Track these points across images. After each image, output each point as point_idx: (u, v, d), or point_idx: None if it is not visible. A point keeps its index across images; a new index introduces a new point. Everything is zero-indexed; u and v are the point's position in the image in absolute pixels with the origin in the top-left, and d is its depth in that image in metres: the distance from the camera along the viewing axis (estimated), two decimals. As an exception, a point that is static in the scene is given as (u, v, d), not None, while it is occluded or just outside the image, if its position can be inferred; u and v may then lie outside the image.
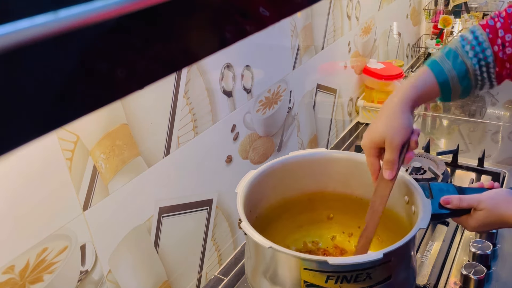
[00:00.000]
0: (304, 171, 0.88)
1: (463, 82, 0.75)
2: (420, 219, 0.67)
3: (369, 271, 0.63)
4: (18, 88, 0.16)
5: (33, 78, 0.16)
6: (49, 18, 0.16)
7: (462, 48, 0.75)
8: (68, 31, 0.17)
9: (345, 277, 0.62)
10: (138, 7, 0.19)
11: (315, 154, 0.88)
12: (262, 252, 0.69)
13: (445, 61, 0.75)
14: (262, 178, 0.82)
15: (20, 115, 0.16)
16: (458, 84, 0.75)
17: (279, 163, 0.85)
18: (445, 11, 2.08)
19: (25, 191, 0.59)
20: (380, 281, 0.64)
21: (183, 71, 0.82)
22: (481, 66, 0.74)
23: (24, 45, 0.16)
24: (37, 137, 0.17)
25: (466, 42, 0.75)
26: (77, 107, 0.18)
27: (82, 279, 0.69)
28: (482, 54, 0.74)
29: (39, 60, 0.16)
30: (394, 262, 0.65)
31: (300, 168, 0.87)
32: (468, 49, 0.74)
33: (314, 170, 0.88)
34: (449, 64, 0.74)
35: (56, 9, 0.16)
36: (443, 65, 0.75)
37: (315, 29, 1.24)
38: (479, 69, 0.74)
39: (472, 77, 0.75)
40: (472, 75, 0.74)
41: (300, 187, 0.89)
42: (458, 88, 0.75)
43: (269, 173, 0.84)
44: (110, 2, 0.18)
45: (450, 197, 0.73)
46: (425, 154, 1.25)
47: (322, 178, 0.88)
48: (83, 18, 0.17)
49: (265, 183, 0.83)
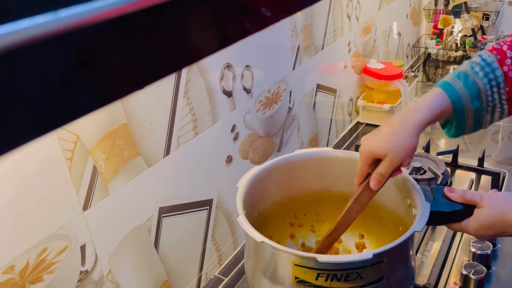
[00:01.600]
0: (309, 170, 0.88)
1: (475, 103, 0.74)
2: (416, 222, 0.67)
3: (359, 271, 0.63)
4: (18, 88, 0.16)
5: (33, 78, 0.16)
6: (49, 18, 0.16)
7: (472, 69, 0.75)
8: (68, 31, 0.17)
9: (335, 275, 0.63)
10: (138, 7, 0.19)
11: (320, 152, 0.89)
12: (259, 249, 0.69)
13: (456, 81, 0.74)
14: (266, 174, 0.83)
15: (20, 115, 0.16)
16: (470, 104, 0.74)
17: (284, 160, 0.86)
18: (445, 11, 2.08)
19: (25, 191, 0.59)
20: (372, 281, 0.64)
21: (183, 71, 0.82)
22: (492, 86, 0.74)
23: (24, 45, 0.16)
24: (37, 137, 0.17)
25: (475, 65, 0.75)
26: (77, 107, 0.18)
27: (82, 279, 0.69)
28: (493, 74, 0.74)
29: (39, 60, 0.16)
30: (387, 263, 0.65)
31: (305, 166, 0.88)
32: (478, 70, 0.74)
33: (320, 169, 0.88)
34: (460, 84, 0.74)
35: (56, 9, 0.16)
36: (454, 85, 0.74)
37: (315, 29, 1.24)
38: (490, 89, 0.74)
39: (483, 98, 0.74)
40: (483, 95, 0.74)
41: (305, 185, 0.89)
42: (471, 110, 0.74)
43: (274, 169, 0.85)
44: (110, 2, 0.18)
45: (454, 188, 0.74)
46: (425, 154, 1.25)
47: (327, 177, 0.89)
48: (83, 18, 0.17)
49: (269, 180, 0.84)
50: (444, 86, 0.75)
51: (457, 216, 0.73)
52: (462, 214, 0.73)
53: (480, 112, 0.75)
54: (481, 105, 0.75)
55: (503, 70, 0.74)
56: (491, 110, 0.76)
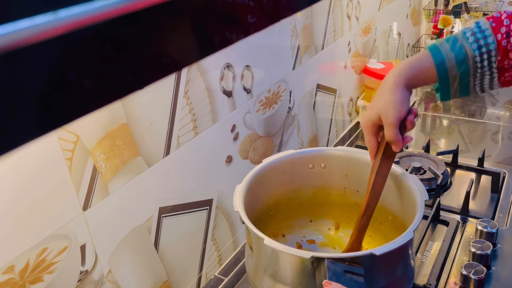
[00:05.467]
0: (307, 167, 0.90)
1: (461, 67, 0.74)
2: (415, 222, 0.68)
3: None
4: (18, 88, 0.16)
5: (33, 78, 0.16)
6: (49, 18, 0.16)
7: (463, 34, 0.75)
8: (67, 31, 0.17)
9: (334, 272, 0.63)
10: (139, 7, 0.19)
11: (319, 151, 0.90)
12: (261, 247, 0.69)
13: (444, 44, 0.75)
14: (266, 172, 0.84)
15: (20, 115, 0.16)
16: (455, 69, 0.74)
17: (284, 158, 0.87)
18: (445, 11, 2.08)
19: (25, 191, 0.59)
20: (370, 280, 0.65)
21: (183, 71, 0.82)
22: (482, 53, 0.73)
23: (24, 45, 0.16)
24: (37, 137, 0.17)
25: (468, 30, 0.75)
26: (77, 107, 0.18)
27: (82, 279, 0.69)
28: (484, 40, 0.73)
29: (39, 60, 0.16)
30: (386, 262, 0.66)
31: (306, 163, 0.89)
32: (468, 35, 0.74)
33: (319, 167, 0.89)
34: (447, 46, 0.75)
35: (56, 9, 0.16)
36: (441, 47, 0.75)
37: (315, 29, 1.24)
38: (480, 56, 0.73)
39: (471, 63, 0.74)
40: (471, 61, 0.73)
41: (306, 183, 0.90)
42: (456, 74, 0.74)
43: (274, 167, 0.85)
44: (110, 2, 0.18)
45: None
46: (425, 154, 1.25)
47: (329, 176, 0.89)
48: (83, 18, 0.17)
49: (269, 178, 0.85)
50: (430, 48, 0.76)
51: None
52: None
53: (467, 77, 0.75)
54: (468, 69, 0.74)
55: (496, 38, 0.73)
56: (480, 76, 0.75)
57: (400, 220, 0.81)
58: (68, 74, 0.17)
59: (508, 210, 1.07)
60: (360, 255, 0.63)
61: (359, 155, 0.87)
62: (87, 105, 0.19)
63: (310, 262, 0.63)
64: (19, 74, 0.16)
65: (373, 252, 0.62)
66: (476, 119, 1.56)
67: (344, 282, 0.58)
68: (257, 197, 0.83)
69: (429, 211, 1.02)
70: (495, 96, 1.71)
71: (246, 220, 0.70)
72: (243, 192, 0.76)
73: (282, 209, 0.91)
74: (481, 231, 0.96)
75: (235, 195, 0.76)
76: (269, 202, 0.88)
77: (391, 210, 0.83)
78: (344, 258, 0.62)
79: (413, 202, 0.74)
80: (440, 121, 1.61)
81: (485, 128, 1.50)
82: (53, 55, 0.17)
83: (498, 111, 1.62)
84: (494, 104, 1.67)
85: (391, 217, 0.84)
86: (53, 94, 0.17)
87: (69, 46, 0.17)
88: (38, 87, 0.17)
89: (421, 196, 0.73)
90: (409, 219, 0.75)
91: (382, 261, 0.65)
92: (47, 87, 0.17)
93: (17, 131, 0.16)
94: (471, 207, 1.08)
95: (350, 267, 0.61)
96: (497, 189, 1.14)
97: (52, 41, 0.16)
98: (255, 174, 0.82)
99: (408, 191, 0.77)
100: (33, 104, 0.17)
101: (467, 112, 1.61)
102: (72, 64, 0.17)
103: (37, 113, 0.17)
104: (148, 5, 0.19)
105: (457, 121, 1.57)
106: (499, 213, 1.06)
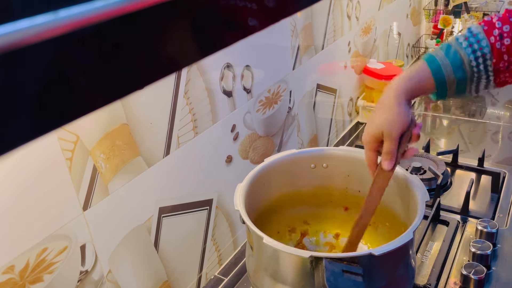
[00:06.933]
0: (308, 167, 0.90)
1: (458, 73, 0.74)
2: (415, 222, 0.68)
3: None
4: (18, 88, 0.16)
5: (33, 78, 0.16)
6: (49, 18, 0.16)
7: (456, 40, 0.76)
8: (67, 31, 0.17)
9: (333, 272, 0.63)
10: (138, 7, 0.19)
11: (324, 150, 0.91)
12: (261, 246, 0.70)
13: (438, 52, 0.76)
14: (266, 172, 0.84)
15: (20, 115, 0.16)
16: (452, 75, 0.74)
17: (284, 158, 0.87)
18: (445, 11, 2.08)
19: (25, 191, 0.59)
20: (370, 280, 0.65)
21: (183, 71, 0.82)
22: (477, 57, 0.73)
23: (24, 45, 0.16)
24: (37, 137, 0.17)
25: (460, 36, 0.76)
26: (77, 107, 0.18)
27: (82, 279, 0.69)
28: (477, 44, 0.73)
29: (39, 60, 0.16)
30: (386, 262, 0.66)
31: (308, 163, 0.89)
32: (461, 40, 0.75)
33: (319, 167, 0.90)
34: (442, 54, 0.75)
35: (56, 9, 0.16)
36: (436, 55, 0.76)
37: (315, 29, 1.24)
38: (475, 60, 0.74)
39: (467, 68, 0.74)
40: (467, 65, 0.74)
41: (308, 182, 0.90)
42: (453, 80, 0.75)
43: (274, 168, 0.85)
44: (110, 2, 0.18)
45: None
46: (425, 154, 1.25)
47: (331, 176, 0.90)
48: (83, 18, 0.17)
49: (269, 177, 0.85)
50: (426, 57, 0.77)
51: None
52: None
53: (464, 82, 0.76)
54: (465, 75, 0.75)
55: (489, 41, 0.73)
56: (477, 80, 0.76)
57: (400, 220, 0.81)
58: (68, 74, 0.17)
59: (508, 210, 1.07)
60: (359, 255, 0.62)
61: (361, 155, 0.86)
62: (87, 105, 0.19)
63: (309, 261, 0.63)
64: (19, 74, 0.16)
65: (372, 252, 0.62)
66: (476, 119, 1.56)
67: (342, 282, 0.58)
68: (258, 196, 0.83)
69: (429, 211, 1.02)
70: (495, 96, 1.71)
71: (246, 218, 0.70)
72: (244, 191, 0.76)
73: (283, 208, 0.90)
74: (481, 231, 0.96)
75: (236, 194, 0.76)
76: (270, 202, 0.88)
77: (392, 210, 0.83)
78: (342, 258, 0.62)
79: (414, 202, 0.74)
80: (440, 121, 1.61)
81: (485, 128, 1.50)
82: (53, 55, 0.17)
83: (498, 111, 1.62)
84: (494, 104, 1.67)
85: (391, 217, 0.84)
86: (53, 94, 0.17)
87: (69, 46, 0.17)
88: (38, 87, 0.17)
89: (421, 196, 0.73)
90: (409, 219, 0.75)
91: (381, 261, 0.65)
92: (47, 87, 0.17)
93: (17, 131, 0.16)
94: (471, 207, 1.08)
95: (348, 267, 0.61)
96: (497, 189, 1.14)
97: (52, 41, 0.16)
98: (257, 174, 0.82)
99: (409, 191, 0.77)
100: (33, 104, 0.17)
101: (467, 112, 1.61)
102: (72, 64, 0.17)
103: (37, 113, 0.17)
104: (148, 5, 0.19)
105: (457, 121, 1.57)
106: (499, 213, 1.06)
